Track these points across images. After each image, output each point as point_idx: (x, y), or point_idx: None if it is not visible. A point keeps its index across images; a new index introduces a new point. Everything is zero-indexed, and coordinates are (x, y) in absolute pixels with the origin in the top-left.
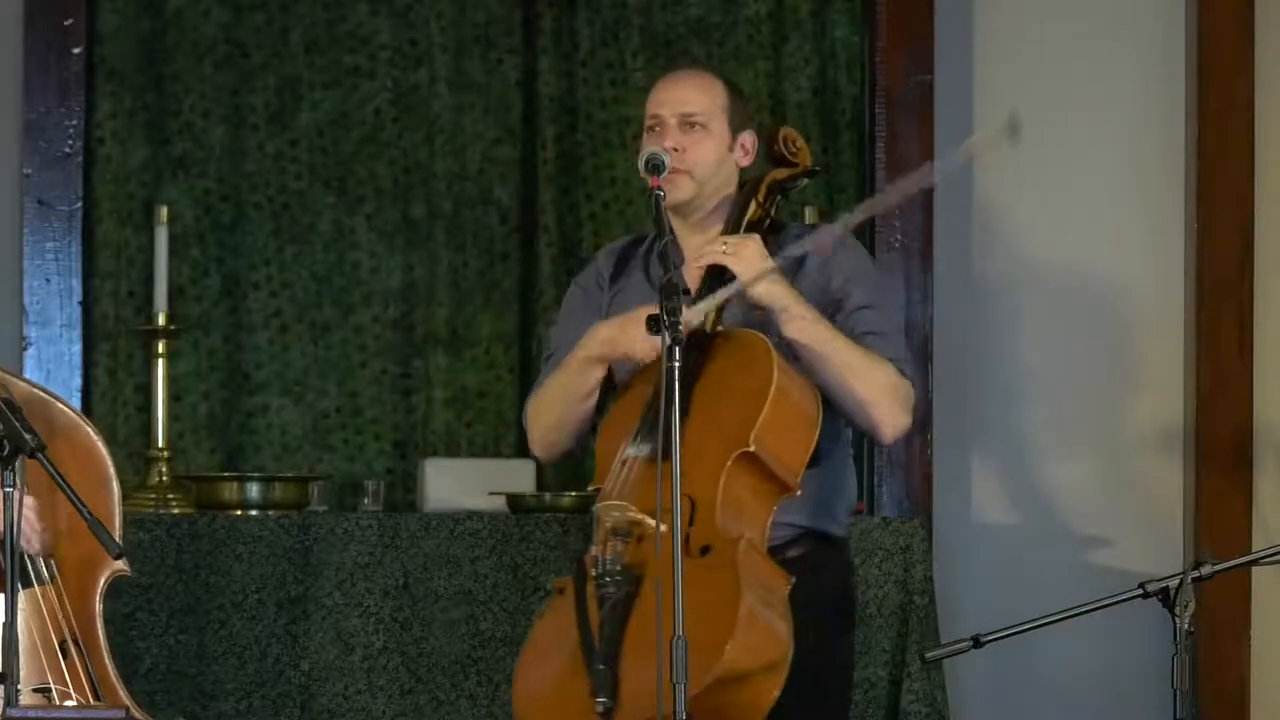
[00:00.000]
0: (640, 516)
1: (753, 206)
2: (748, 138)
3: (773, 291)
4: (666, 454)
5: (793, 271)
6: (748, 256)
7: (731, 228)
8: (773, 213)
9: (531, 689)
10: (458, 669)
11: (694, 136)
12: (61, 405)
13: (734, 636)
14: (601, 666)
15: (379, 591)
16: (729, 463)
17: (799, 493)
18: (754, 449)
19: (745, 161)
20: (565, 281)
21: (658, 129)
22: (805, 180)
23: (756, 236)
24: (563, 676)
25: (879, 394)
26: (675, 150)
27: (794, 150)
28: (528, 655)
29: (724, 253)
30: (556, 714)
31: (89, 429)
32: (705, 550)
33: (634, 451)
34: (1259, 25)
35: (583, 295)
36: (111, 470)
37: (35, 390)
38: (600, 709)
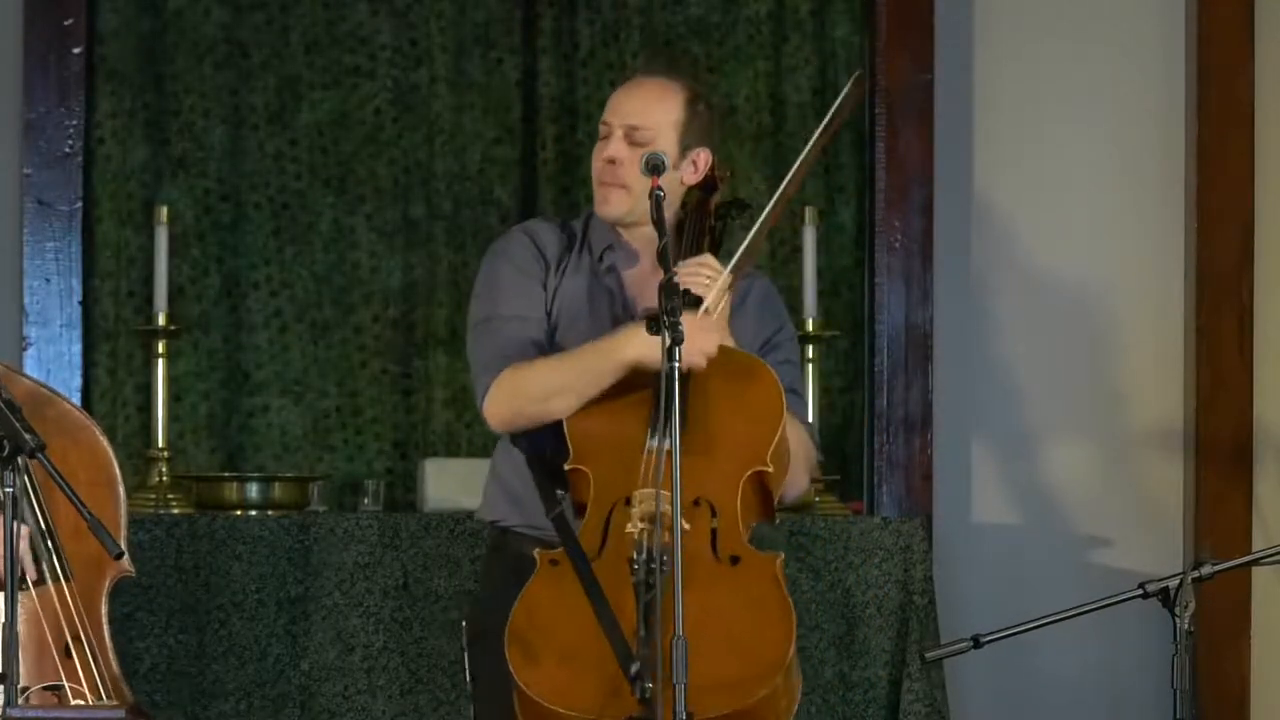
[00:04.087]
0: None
1: (708, 236)
2: (701, 155)
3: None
4: (684, 450)
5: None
6: (721, 290)
7: (693, 253)
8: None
9: (544, 662)
10: (458, 669)
11: (636, 153)
12: (67, 404)
13: (790, 656)
14: (646, 653)
15: (379, 591)
16: (744, 478)
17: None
18: (771, 469)
19: (692, 179)
20: None
21: (604, 136)
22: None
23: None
24: (581, 652)
25: (796, 458)
26: (613, 162)
27: (723, 176)
28: (524, 625)
29: (707, 283)
30: (585, 689)
31: (95, 429)
32: (735, 561)
33: (656, 444)
34: (1259, 25)
35: (523, 266)
36: (116, 470)
37: (40, 389)
38: (647, 694)
